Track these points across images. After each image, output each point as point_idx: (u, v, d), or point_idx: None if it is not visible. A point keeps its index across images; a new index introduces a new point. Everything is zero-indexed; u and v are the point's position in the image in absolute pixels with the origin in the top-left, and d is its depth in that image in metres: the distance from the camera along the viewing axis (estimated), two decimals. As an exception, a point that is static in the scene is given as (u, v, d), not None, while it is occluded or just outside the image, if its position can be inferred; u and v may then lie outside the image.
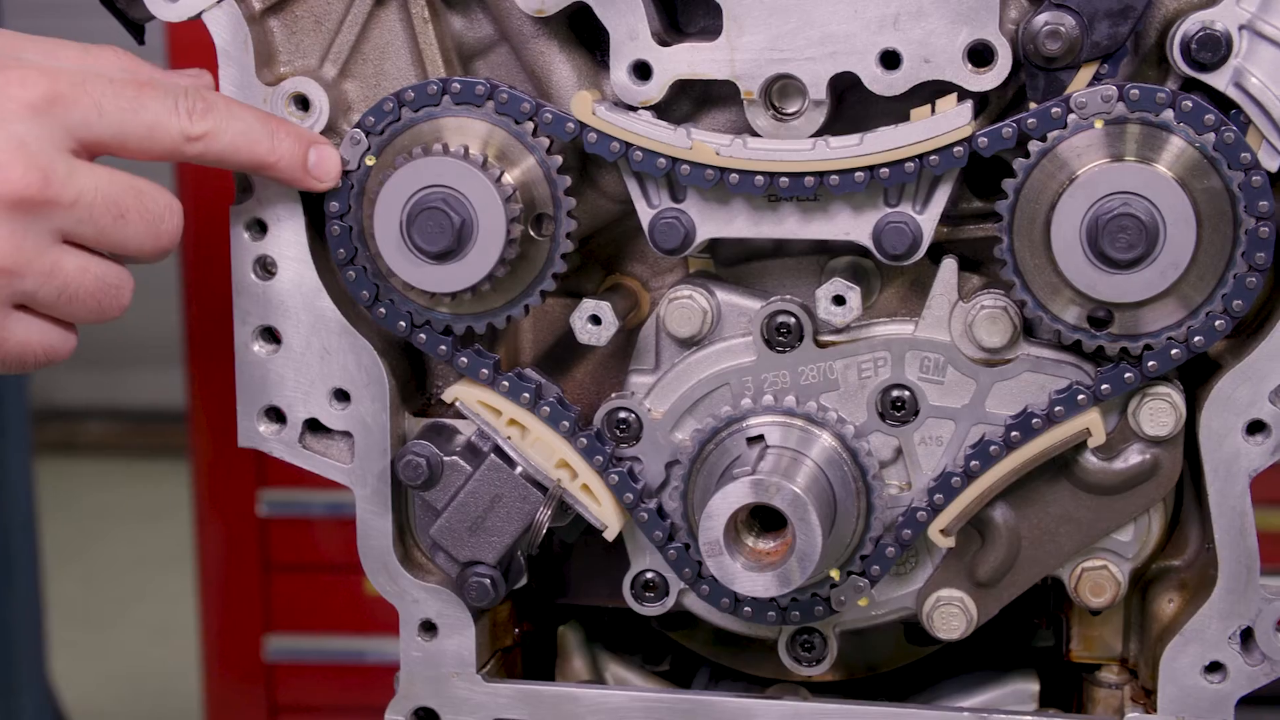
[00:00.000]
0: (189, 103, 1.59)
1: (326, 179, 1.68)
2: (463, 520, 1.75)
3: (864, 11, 1.61)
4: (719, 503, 1.60)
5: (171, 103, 1.58)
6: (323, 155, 1.68)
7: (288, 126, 1.67)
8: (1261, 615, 1.69)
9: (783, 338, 1.71)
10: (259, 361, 1.77)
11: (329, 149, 1.68)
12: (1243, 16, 1.57)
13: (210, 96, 1.62)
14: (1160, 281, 1.59)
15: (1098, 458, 1.70)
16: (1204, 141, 1.57)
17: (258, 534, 4.66)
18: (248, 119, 1.64)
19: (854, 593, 1.74)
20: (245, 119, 1.63)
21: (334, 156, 1.68)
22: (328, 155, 1.68)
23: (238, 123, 1.62)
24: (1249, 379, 1.64)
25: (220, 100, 1.63)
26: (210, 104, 1.61)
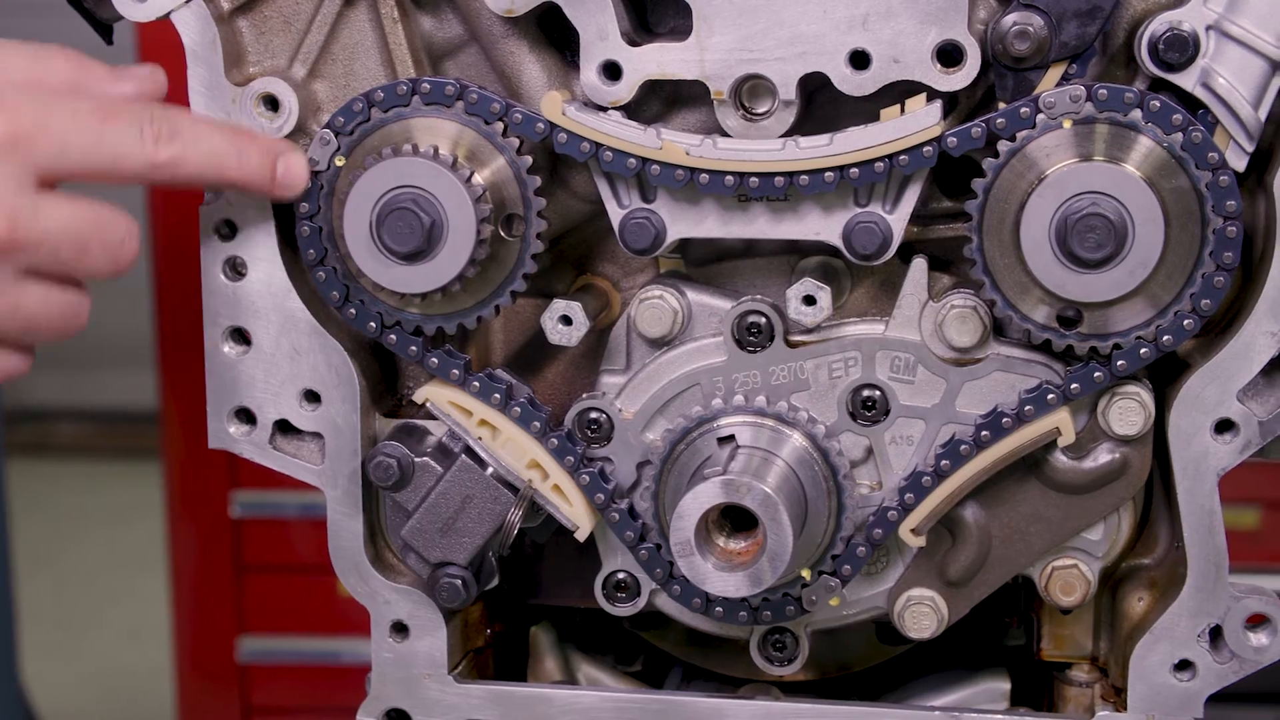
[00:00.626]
0: (154, 128, 1.57)
1: (295, 188, 1.67)
2: (434, 521, 1.75)
3: (833, 12, 1.61)
4: (690, 503, 1.60)
5: (136, 130, 1.56)
6: (290, 166, 1.66)
7: (255, 140, 1.65)
8: (1230, 613, 1.70)
9: (753, 338, 1.71)
10: (229, 362, 1.77)
11: (296, 158, 1.67)
12: (1210, 17, 1.58)
13: (175, 118, 1.59)
14: (1129, 281, 1.59)
15: (1067, 457, 1.70)
16: (1172, 141, 1.57)
17: (230, 535, 4.65)
18: (214, 139, 1.62)
19: (825, 592, 1.74)
20: (211, 139, 1.62)
21: (301, 166, 1.67)
22: (295, 165, 1.67)
23: (203, 144, 1.60)
24: (1217, 378, 1.64)
25: (185, 121, 1.61)
26: (175, 127, 1.58)
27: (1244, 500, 4.33)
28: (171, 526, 4.71)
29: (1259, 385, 1.66)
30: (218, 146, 1.62)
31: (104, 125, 1.54)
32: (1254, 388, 1.66)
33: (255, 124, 1.71)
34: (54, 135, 1.52)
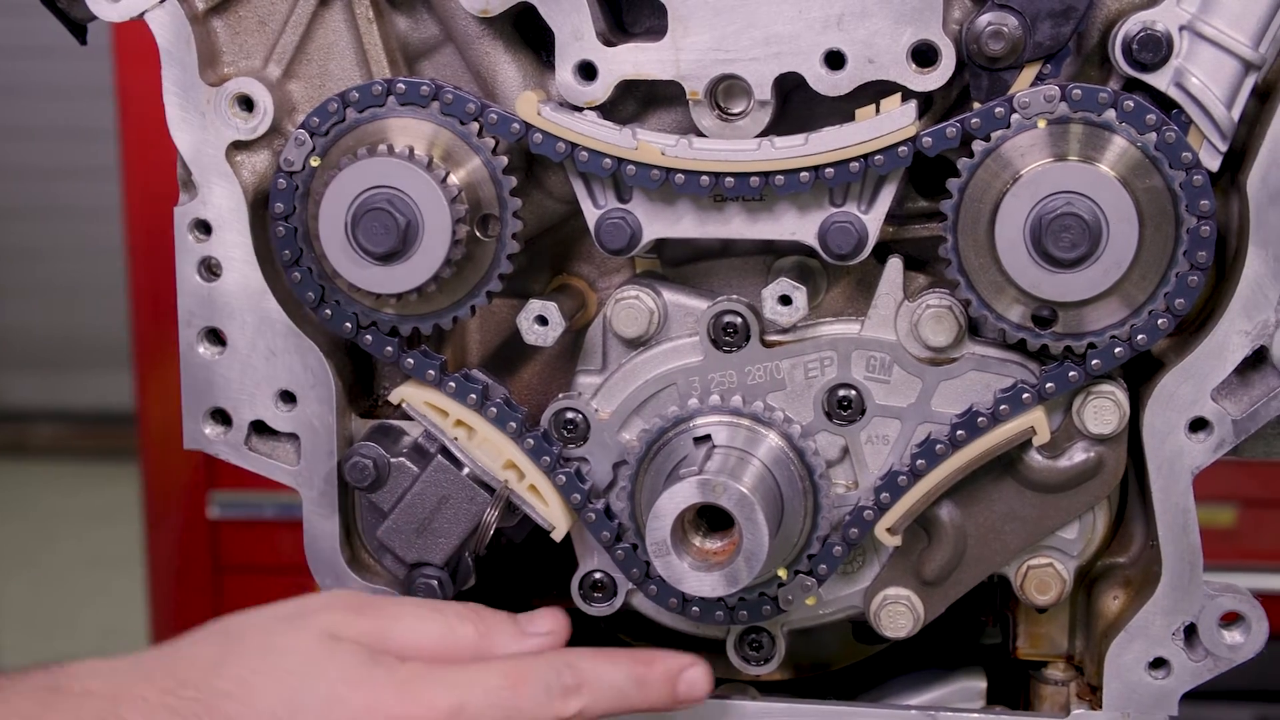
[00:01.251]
0: (560, 683, 1.58)
1: (698, 700, 1.67)
2: (410, 521, 1.75)
3: (808, 12, 1.61)
4: (666, 503, 1.60)
5: (544, 691, 1.57)
6: (692, 682, 1.65)
7: (653, 665, 1.65)
8: (1204, 611, 1.70)
9: (729, 338, 1.71)
10: (204, 363, 1.77)
11: (697, 672, 1.66)
12: (1183, 17, 1.58)
13: (578, 666, 1.61)
14: (1103, 280, 1.60)
15: (1043, 456, 1.70)
16: (1146, 141, 1.58)
17: (208, 536, 4.64)
18: (615, 677, 1.62)
19: (801, 592, 1.74)
20: (614, 677, 1.62)
21: (704, 679, 1.66)
22: (696, 680, 1.65)
23: (606, 685, 1.61)
24: (1191, 377, 1.65)
25: (586, 665, 1.62)
26: (580, 676, 1.60)
27: (1220, 498, 4.34)
28: (149, 527, 4.70)
29: (1233, 384, 1.66)
30: (620, 684, 1.62)
31: (515, 695, 1.56)
32: (1228, 386, 1.66)
33: (230, 124, 1.71)
34: (472, 714, 1.54)
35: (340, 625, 1.58)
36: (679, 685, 1.64)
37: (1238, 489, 4.32)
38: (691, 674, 1.65)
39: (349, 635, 1.57)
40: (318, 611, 1.60)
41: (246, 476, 1.84)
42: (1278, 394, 1.65)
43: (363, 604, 1.63)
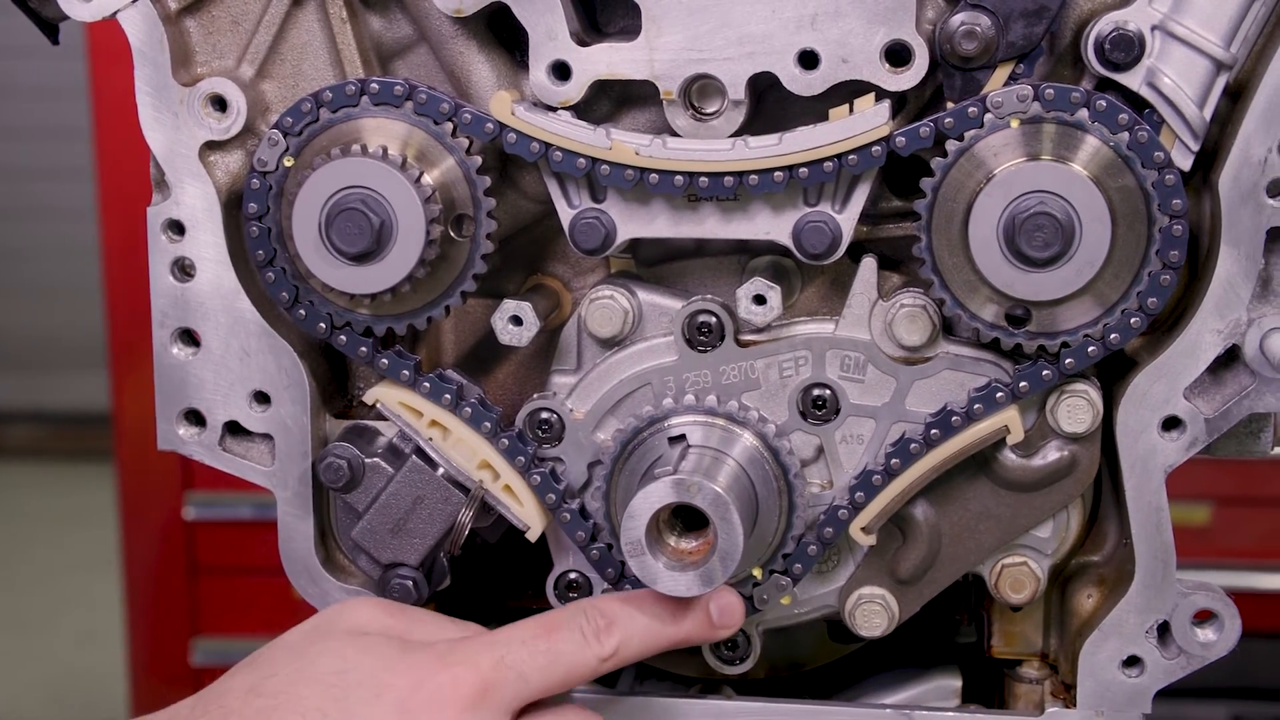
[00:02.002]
0: (592, 625, 1.62)
1: (734, 624, 1.68)
2: (385, 522, 1.75)
3: (781, 12, 1.61)
4: (641, 503, 1.60)
5: (578, 634, 1.61)
6: (724, 606, 1.67)
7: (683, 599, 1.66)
8: (1178, 609, 1.71)
9: (704, 337, 1.71)
10: (178, 364, 1.76)
11: (730, 596, 1.67)
12: (1155, 17, 1.59)
13: (606, 608, 1.64)
14: (1076, 279, 1.60)
15: (1016, 455, 1.71)
16: (1118, 141, 1.58)
17: (184, 537, 4.63)
18: (647, 613, 1.65)
19: (776, 591, 1.74)
20: (645, 614, 1.65)
21: (736, 604, 1.67)
22: (730, 604, 1.67)
23: (639, 621, 1.64)
24: (1164, 376, 1.65)
25: (616, 606, 1.64)
26: (610, 617, 1.63)
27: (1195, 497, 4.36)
28: (125, 529, 4.69)
29: (1205, 383, 1.67)
30: (652, 619, 1.65)
31: (551, 641, 1.60)
32: (1200, 385, 1.67)
33: (203, 124, 1.71)
34: (513, 673, 1.58)
35: (365, 623, 1.63)
36: (714, 614, 1.66)
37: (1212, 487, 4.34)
38: (724, 601, 1.67)
39: (376, 630, 1.62)
40: (339, 616, 1.64)
41: (222, 477, 1.83)
42: (1249, 392, 1.66)
43: (383, 605, 1.67)
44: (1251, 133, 1.60)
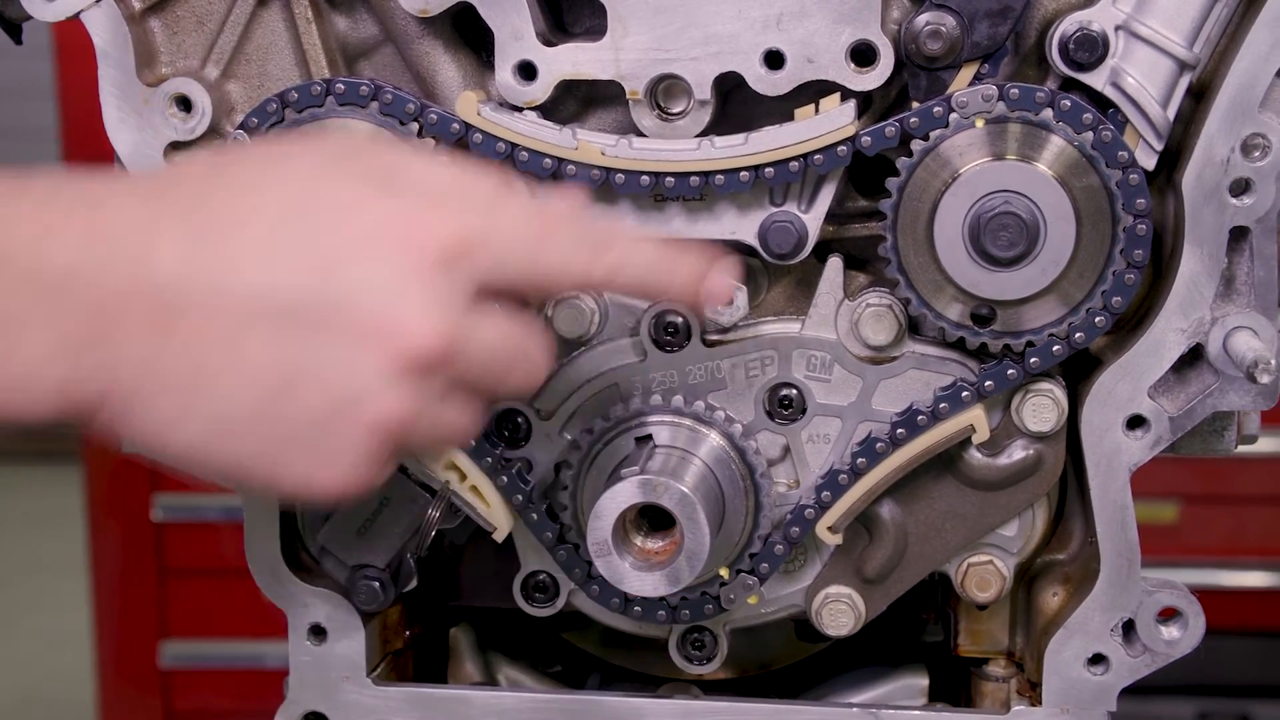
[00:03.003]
0: (590, 239, 1.47)
1: (719, 303, 1.62)
2: (351, 524, 1.75)
3: (747, 11, 1.62)
4: (607, 503, 1.60)
5: (573, 241, 1.45)
6: (715, 282, 1.54)
7: (681, 253, 1.54)
8: (1142, 607, 1.71)
9: (670, 337, 1.71)
10: (143, 365, 1.75)
11: (721, 275, 1.55)
12: (1118, 17, 1.60)
13: (607, 229, 1.54)
14: (1041, 279, 1.61)
15: (982, 454, 1.71)
16: (1083, 140, 1.59)
17: (152, 539, 4.62)
18: (644, 251, 1.51)
19: (743, 591, 1.74)
20: (642, 251, 1.51)
21: (726, 282, 1.55)
22: (719, 282, 1.54)
23: (635, 256, 1.50)
24: (1129, 374, 1.66)
25: (619, 233, 1.56)
26: (609, 239, 1.48)
27: (1163, 495, 4.38)
28: (92, 530, 4.67)
29: (1169, 382, 1.68)
30: (648, 258, 1.51)
31: (544, 235, 1.44)
32: (1165, 384, 1.67)
33: (168, 124, 1.70)
34: (496, 248, 1.40)
35: (351, 151, 1.46)
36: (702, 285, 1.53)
37: (1180, 485, 4.36)
38: (716, 276, 1.53)
39: (365, 155, 1.45)
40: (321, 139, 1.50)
41: (191, 479, 1.83)
42: (1213, 391, 1.67)
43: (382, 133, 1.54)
44: (1214, 132, 1.60)
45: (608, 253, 1.47)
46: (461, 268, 1.38)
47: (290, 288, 1.33)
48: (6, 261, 1.29)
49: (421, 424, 1.39)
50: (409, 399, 1.37)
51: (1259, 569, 4.44)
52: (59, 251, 1.29)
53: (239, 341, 1.32)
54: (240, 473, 1.38)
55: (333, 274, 1.34)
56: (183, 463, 1.38)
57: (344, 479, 1.37)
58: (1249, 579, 4.43)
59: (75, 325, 1.29)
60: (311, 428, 1.35)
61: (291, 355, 1.33)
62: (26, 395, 1.30)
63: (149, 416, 1.33)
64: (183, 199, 1.36)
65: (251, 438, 1.35)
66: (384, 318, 1.34)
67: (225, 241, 1.33)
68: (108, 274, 1.30)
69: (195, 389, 1.33)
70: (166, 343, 1.31)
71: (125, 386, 1.31)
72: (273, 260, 1.33)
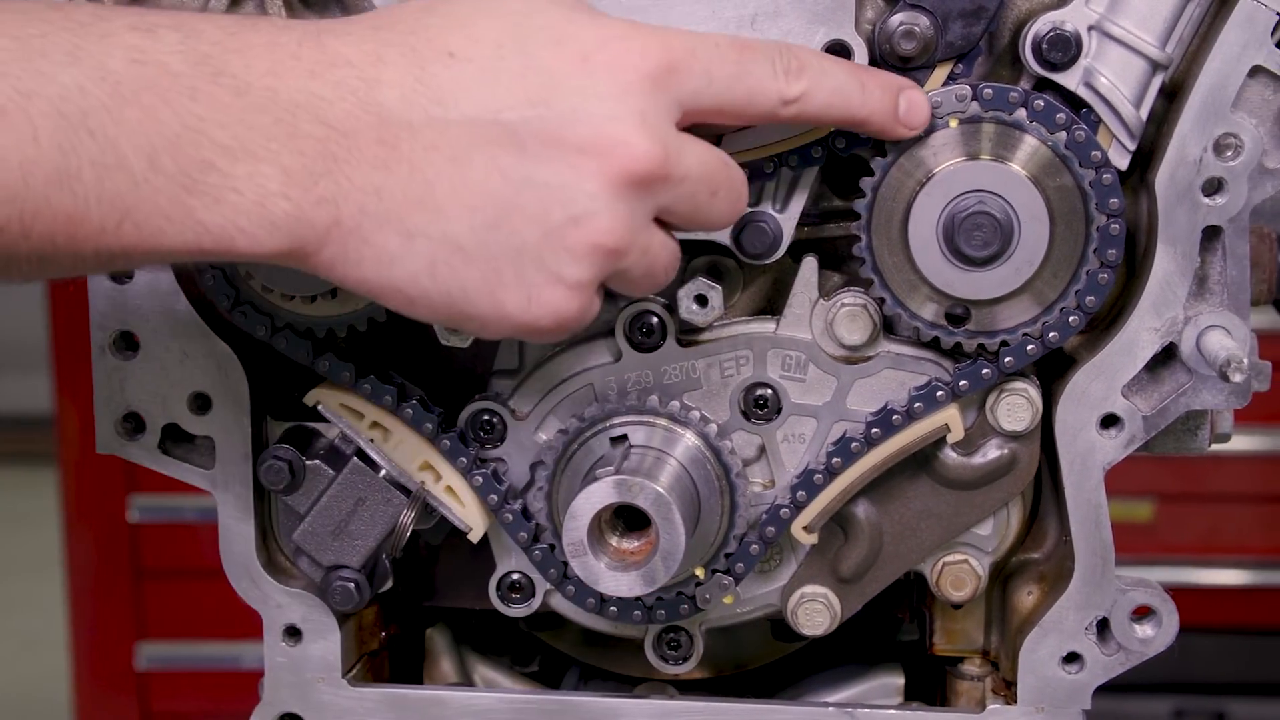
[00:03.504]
0: (784, 63, 1.49)
1: (918, 126, 1.58)
2: (326, 524, 1.74)
3: (721, 12, 1.62)
4: (582, 503, 1.60)
5: (769, 65, 1.48)
6: (913, 101, 1.56)
7: (876, 75, 1.56)
8: (1117, 605, 1.72)
9: (645, 337, 1.71)
10: (116, 367, 1.75)
11: (918, 94, 1.57)
12: (1091, 17, 1.60)
13: (801, 53, 1.51)
14: (1015, 278, 1.61)
15: (957, 453, 1.72)
16: (1056, 140, 1.59)
17: (128, 540, 4.61)
18: (839, 74, 1.52)
19: (719, 590, 1.74)
20: (836, 74, 1.52)
21: (924, 102, 1.57)
22: (918, 101, 1.57)
23: (830, 79, 1.51)
24: (1103, 373, 1.66)
25: (810, 55, 1.52)
26: (803, 62, 1.50)
27: (1138, 493, 4.39)
28: (68, 532, 4.66)
29: (1143, 380, 1.68)
30: (842, 81, 1.53)
31: (742, 57, 1.47)
32: (1138, 383, 1.68)
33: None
34: (701, 67, 1.44)
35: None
36: (900, 102, 1.56)
37: (1156, 484, 4.37)
38: (914, 94, 1.57)
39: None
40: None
41: (167, 480, 1.83)
42: (1186, 390, 1.67)
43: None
44: (1187, 132, 1.61)
45: (801, 75, 1.50)
46: (670, 88, 1.43)
47: (511, 111, 1.37)
48: (242, 91, 1.31)
49: (634, 249, 1.43)
50: (625, 217, 1.41)
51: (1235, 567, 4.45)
52: (290, 82, 1.33)
53: (463, 167, 1.37)
54: (459, 305, 1.41)
55: (551, 97, 1.38)
56: (401, 300, 1.41)
57: (561, 306, 1.42)
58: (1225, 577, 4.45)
59: (305, 156, 1.32)
60: (532, 250, 1.39)
61: (514, 178, 1.38)
62: (255, 230, 1.32)
63: (371, 250, 1.37)
64: (403, 33, 1.39)
65: (473, 265, 1.39)
66: (603, 136, 1.39)
67: (447, 71, 1.37)
68: (336, 105, 1.34)
69: (420, 216, 1.36)
70: (392, 171, 1.35)
71: (350, 219, 1.35)
72: (493, 86, 1.38)
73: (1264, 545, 4.45)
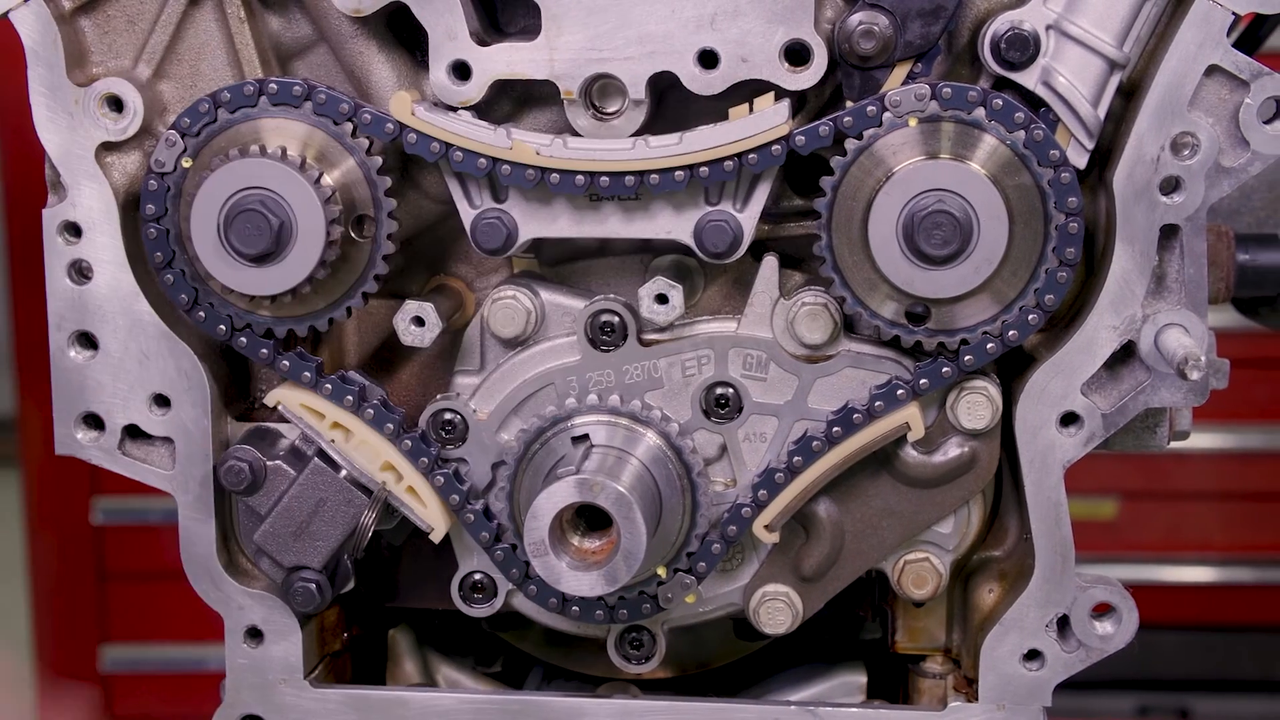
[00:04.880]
0: None
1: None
2: (287, 525, 1.74)
3: (681, 11, 1.62)
4: (544, 502, 1.60)
5: None
6: None
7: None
8: (1077, 603, 1.72)
9: (607, 337, 1.71)
10: (76, 367, 1.74)
11: None
12: (1049, 17, 1.60)
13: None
14: (974, 277, 1.61)
15: (918, 451, 1.72)
16: (1015, 139, 1.59)
17: (92, 542, 4.59)
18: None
19: (681, 590, 1.74)
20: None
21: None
22: None
23: None
24: (1062, 372, 1.67)
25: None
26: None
27: (1102, 491, 4.40)
28: (31, 534, 4.63)
29: (1102, 379, 1.69)
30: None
31: None
32: (1097, 381, 1.68)
33: (99, 125, 1.69)
34: None
35: None
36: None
37: (1118, 482, 4.38)
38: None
39: None
40: None
41: (131, 482, 1.82)
42: (1145, 388, 1.68)
43: None
44: (1144, 131, 1.61)
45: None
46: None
47: None
48: None
49: None
50: None
51: (1197, 564, 4.47)
52: None
53: None
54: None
55: None
56: None
57: None
58: (1188, 574, 4.47)
59: None
60: None
61: None
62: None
63: None
64: None
65: None
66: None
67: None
68: None
69: None
70: None
71: None
72: None
73: (1227, 542, 4.47)
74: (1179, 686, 4.38)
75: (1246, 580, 4.45)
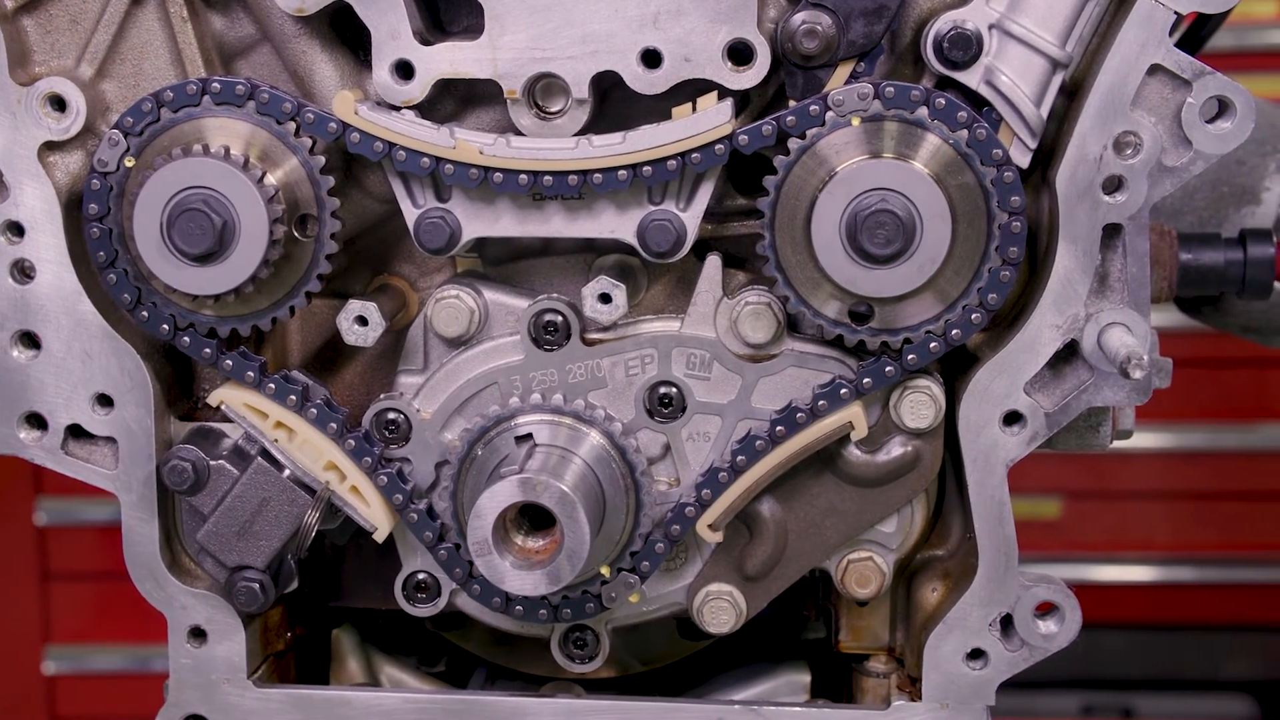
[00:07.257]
0: None
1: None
2: (230, 524, 1.73)
3: (624, 10, 1.62)
4: (487, 502, 1.60)
5: None
6: None
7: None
8: (1020, 602, 1.73)
9: (550, 336, 1.71)
10: (18, 367, 1.73)
11: None
12: (992, 16, 1.61)
13: None
14: (918, 276, 1.62)
15: (861, 450, 1.72)
16: (958, 138, 1.60)
17: (35, 543, 4.56)
18: None
19: (625, 589, 1.75)
20: None
21: None
22: None
23: None
24: (1005, 371, 1.68)
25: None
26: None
27: (1045, 491, 4.42)
28: (-27, 535, 4.60)
29: (1045, 378, 1.69)
30: None
31: None
32: (1041, 380, 1.69)
33: (41, 124, 1.68)
34: None
35: None
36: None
37: (1063, 482, 4.40)
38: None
39: None
40: None
41: (75, 482, 1.81)
42: (1088, 387, 1.69)
43: None
44: (1087, 130, 1.62)
45: None
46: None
47: None
48: None
49: None
50: None
51: (1141, 564, 4.49)
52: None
53: None
54: None
55: None
56: None
57: None
58: (1131, 574, 4.48)
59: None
60: None
61: None
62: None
63: None
64: None
65: None
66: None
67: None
68: None
69: None
70: None
71: None
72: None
73: (1170, 542, 4.49)
74: (1123, 685, 4.40)
75: (1189, 579, 4.47)
